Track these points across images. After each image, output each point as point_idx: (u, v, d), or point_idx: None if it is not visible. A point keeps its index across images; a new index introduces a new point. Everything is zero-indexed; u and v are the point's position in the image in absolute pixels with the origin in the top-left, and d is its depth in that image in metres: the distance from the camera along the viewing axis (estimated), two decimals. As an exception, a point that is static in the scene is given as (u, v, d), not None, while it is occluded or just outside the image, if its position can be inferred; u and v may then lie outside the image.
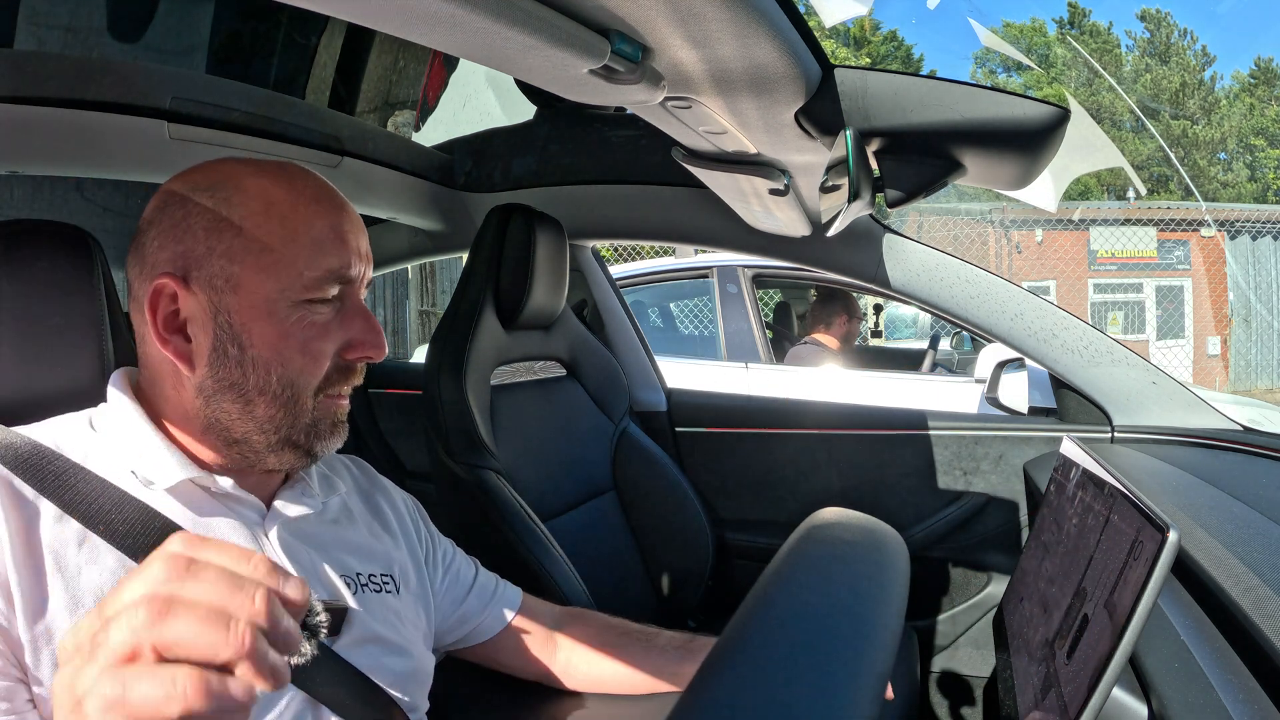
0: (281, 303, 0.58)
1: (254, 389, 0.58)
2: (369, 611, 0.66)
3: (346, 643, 0.63)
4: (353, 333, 0.61)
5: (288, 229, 0.58)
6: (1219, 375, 9.54)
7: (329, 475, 0.72)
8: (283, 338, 0.58)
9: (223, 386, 0.58)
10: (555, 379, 1.44)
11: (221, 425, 0.59)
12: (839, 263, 1.39)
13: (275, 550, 0.61)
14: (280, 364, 0.58)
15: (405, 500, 0.81)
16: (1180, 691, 0.50)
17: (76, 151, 1.00)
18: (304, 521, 0.65)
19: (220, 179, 0.59)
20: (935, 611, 1.47)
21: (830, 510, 0.55)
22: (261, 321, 0.58)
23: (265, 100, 1.17)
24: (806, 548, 0.48)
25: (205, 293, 0.57)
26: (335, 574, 0.65)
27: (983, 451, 1.42)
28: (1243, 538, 0.67)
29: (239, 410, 0.59)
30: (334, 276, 0.59)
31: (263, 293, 0.57)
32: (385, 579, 0.70)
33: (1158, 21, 16.31)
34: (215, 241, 0.57)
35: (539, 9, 0.48)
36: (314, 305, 0.59)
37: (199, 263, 0.57)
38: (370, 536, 0.72)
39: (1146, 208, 9.86)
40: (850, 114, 0.72)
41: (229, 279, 0.57)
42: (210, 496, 0.60)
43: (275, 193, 0.58)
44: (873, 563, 0.47)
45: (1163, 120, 15.28)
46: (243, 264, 0.57)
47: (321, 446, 0.62)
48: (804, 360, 2.93)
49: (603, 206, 1.52)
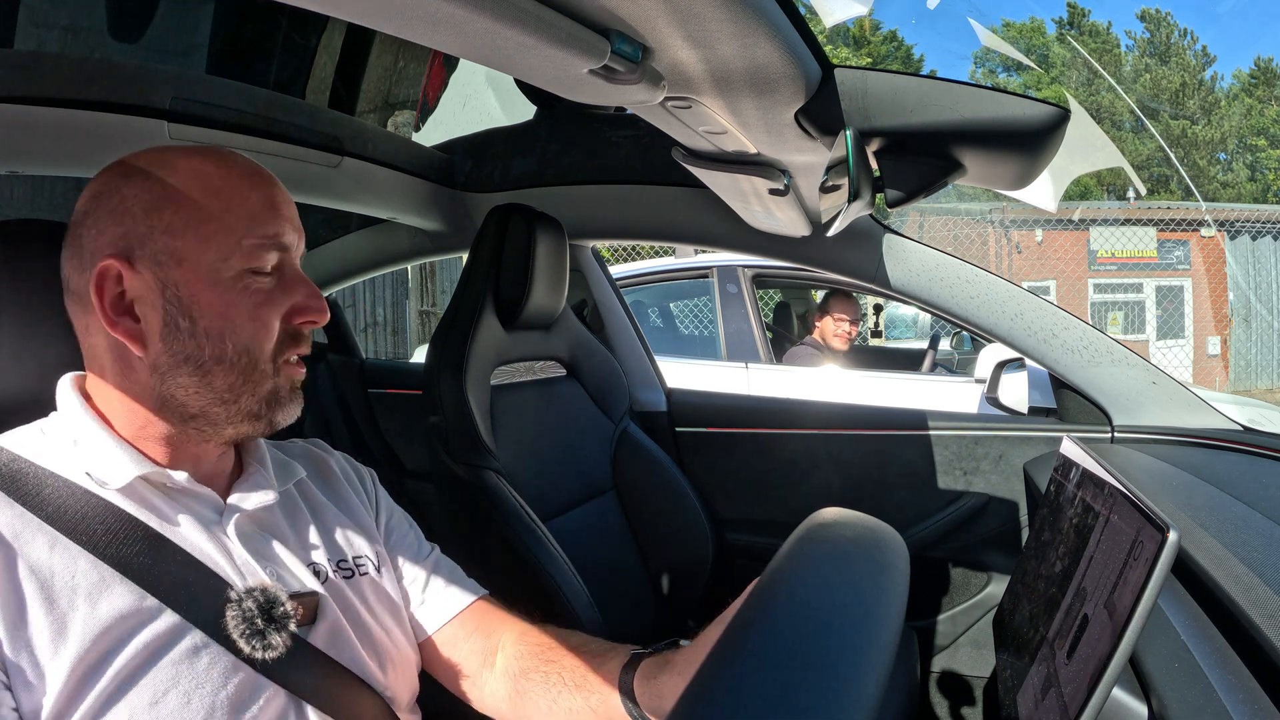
0: (225, 271, 0.59)
1: (211, 359, 0.59)
2: (341, 599, 0.65)
3: (321, 633, 0.62)
4: (295, 298, 0.62)
5: (223, 200, 0.59)
6: (1219, 375, 9.54)
7: (287, 461, 0.71)
8: (230, 306, 0.59)
9: (178, 360, 0.59)
10: (555, 379, 1.44)
11: (178, 401, 0.59)
12: (839, 263, 1.39)
13: (236, 545, 0.61)
14: (233, 331, 0.59)
15: (360, 470, 0.80)
16: (1180, 691, 0.50)
17: (76, 151, 1.00)
18: (263, 512, 0.65)
19: (151, 162, 0.60)
20: (935, 611, 1.47)
21: (830, 510, 0.55)
22: (208, 291, 0.58)
23: (265, 100, 1.17)
24: (806, 548, 0.48)
25: (150, 270, 0.58)
26: (302, 562, 0.64)
27: (983, 451, 1.42)
28: (1243, 538, 0.67)
29: (196, 383, 0.59)
30: (271, 244, 0.61)
31: (205, 262, 0.58)
32: (359, 561, 0.69)
33: (1158, 21, 16.31)
34: (155, 219, 0.58)
35: (539, 9, 0.48)
36: (255, 275, 0.60)
37: (141, 241, 0.58)
38: (335, 520, 0.71)
39: (1146, 208, 9.85)
40: (850, 114, 0.72)
41: (172, 253, 0.58)
42: (165, 494, 0.60)
43: (207, 168, 0.60)
44: (873, 562, 0.47)
45: (1162, 120, 15.28)
46: (184, 237, 0.58)
47: (282, 414, 0.63)
48: (801, 361, 2.93)
49: (603, 206, 1.52)
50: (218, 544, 0.60)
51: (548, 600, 1.08)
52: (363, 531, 0.73)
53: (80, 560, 0.53)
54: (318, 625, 0.62)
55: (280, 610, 0.58)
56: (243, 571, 0.60)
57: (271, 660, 0.57)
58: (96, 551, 0.54)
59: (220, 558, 0.59)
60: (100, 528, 0.55)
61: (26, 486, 0.55)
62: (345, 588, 0.66)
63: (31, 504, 0.54)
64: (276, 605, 0.58)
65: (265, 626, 0.57)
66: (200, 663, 0.55)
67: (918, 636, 1.41)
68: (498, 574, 1.01)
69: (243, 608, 0.56)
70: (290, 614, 0.58)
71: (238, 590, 0.57)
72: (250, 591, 0.57)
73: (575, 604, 1.09)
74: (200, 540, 0.59)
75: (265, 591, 0.58)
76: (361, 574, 0.69)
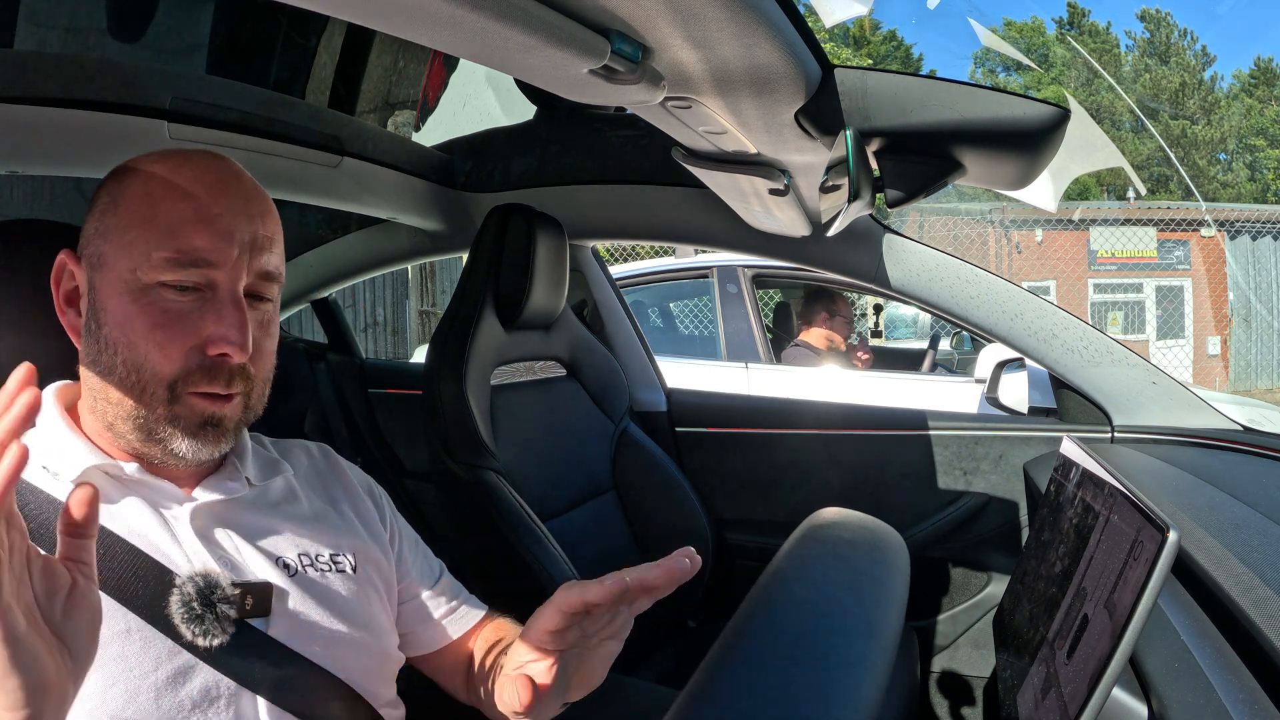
0: (133, 282, 0.57)
1: (105, 369, 0.58)
2: (312, 592, 0.64)
3: (281, 625, 0.61)
4: (211, 326, 0.58)
5: (150, 209, 0.58)
6: (1219, 375, 9.54)
7: (276, 460, 0.71)
8: (129, 319, 0.57)
9: (86, 362, 0.60)
10: (555, 379, 1.44)
11: (99, 406, 0.60)
12: (839, 263, 1.39)
13: (186, 531, 0.60)
14: (126, 346, 0.57)
15: (370, 486, 0.80)
16: (1180, 691, 0.50)
17: (76, 151, 1.00)
18: (228, 505, 0.64)
19: (135, 163, 0.60)
20: (935, 611, 1.47)
21: (830, 510, 0.55)
22: (114, 299, 0.58)
23: (265, 100, 1.17)
24: (806, 548, 0.48)
25: (85, 269, 0.60)
26: (263, 555, 0.63)
27: (983, 451, 1.42)
28: (1243, 538, 0.67)
29: (99, 389, 0.59)
30: (188, 260, 0.57)
31: (117, 270, 0.57)
32: (337, 559, 0.68)
33: (1157, 21, 16.31)
34: (101, 221, 0.59)
35: (539, 9, 0.48)
36: (165, 290, 0.57)
37: (88, 240, 0.60)
38: (319, 517, 0.70)
39: (1146, 208, 9.85)
40: (850, 114, 0.72)
41: (100, 256, 0.59)
42: (120, 484, 0.60)
43: (158, 175, 0.59)
44: (873, 562, 0.47)
45: (1162, 120, 15.28)
46: (109, 241, 0.58)
47: (184, 446, 0.59)
48: (795, 363, 2.93)
49: (603, 206, 1.52)
50: (167, 533, 0.59)
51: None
52: (353, 533, 0.72)
53: None
54: (275, 616, 0.61)
55: (219, 594, 0.57)
56: (190, 559, 0.59)
57: (214, 647, 0.56)
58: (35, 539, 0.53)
59: (169, 546, 0.59)
60: (32, 514, 0.55)
61: None
62: (318, 582, 0.65)
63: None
64: (216, 590, 0.57)
65: (204, 611, 0.56)
66: (132, 645, 0.54)
67: (918, 636, 1.41)
68: (498, 574, 1.01)
69: (183, 592, 0.56)
70: (231, 600, 0.58)
71: (181, 576, 0.57)
72: (192, 577, 0.57)
73: (575, 604, 1.09)
74: (147, 528, 0.59)
75: (206, 577, 0.57)
76: (338, 570, 0.68)
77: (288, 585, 0.63)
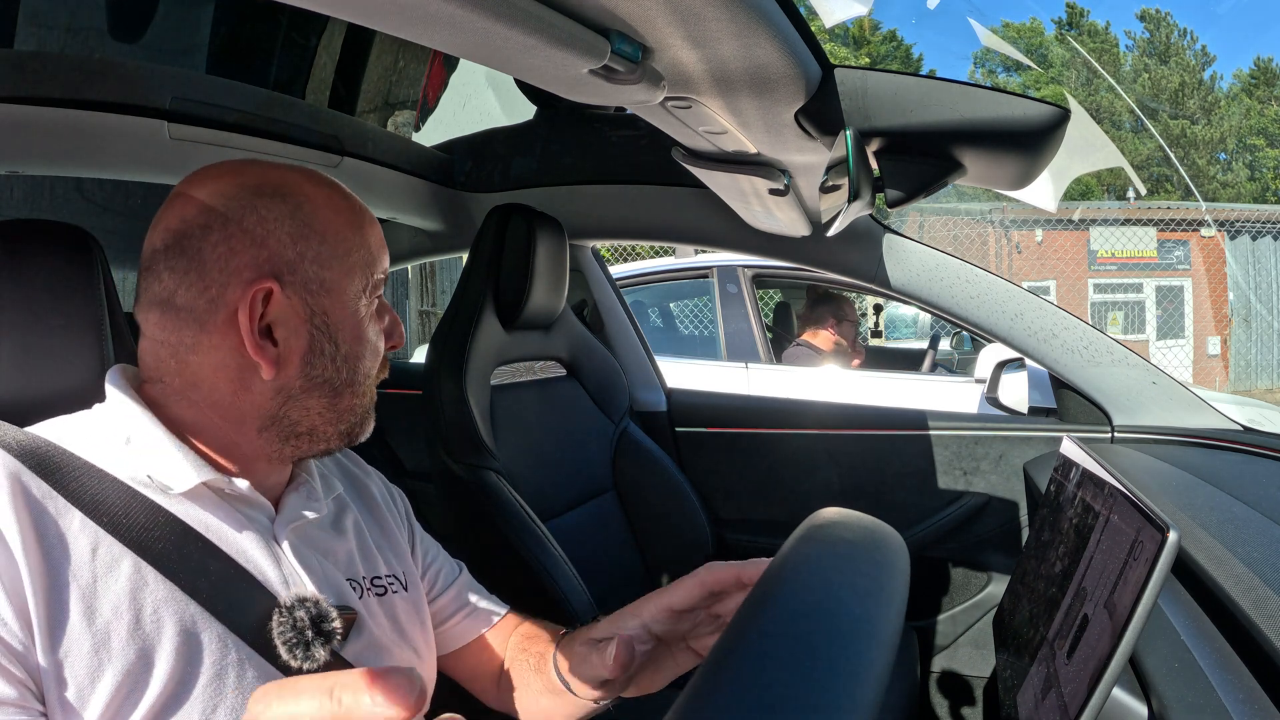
0: (361, 301, 0.63)
1: (344, 383, 0.62)
2: (375, 616, 0.65)
3: (354, 649, 0.62)
4: (385, 324, 0.67)
5: (359, 236, 0.63)
6: (1219, 375, 9.54)
7: (325, 474, 0.71)
8: (361, 334, 0.63)
9: (314, 384, 0.61)
10: (555, 379, 1.44)
11: (291, 420, 0.61)
12: (839, 263, 1.39)
13: (291, 560, 0.60)
14: (360, 357, 0.63)
15: (393, 491, 0.80)
16: (1180, 691, 0.50)
17: (76, 151, 1.00)
18: (311, 526, 0.65)
19: (281, 186, 0.60)
20: (935, 611, 1.47)
21: (830, 510, 0.55)
22: (349, 320, 0.62)
23: (265, 100, 1.17)
24: (806, 548, 0.48)
25: (300, 296, 0.59)
26: (343, 577, 0.64)
27: (983, 451, 1.42)
28: (1243, 538, 0.67)
29: (325, 404, 0.62)
30: (384, 274, 0.66)
31: (350, 294, 0.62)
32: (390, 579, 0.70)
33: (1157, 21, 16.31)
34: (304, 247, 0.59)
35: (539, 9, 0.48)
36: (374, 300, 0.65)
37: (291, 268, 0.59)
38: (370, 536, 0.71)
39: (1146, 208, 9.85)
40: (850, 114, 0.72)
41: (322, 283, 0.60)
42: (221, 500, 0.59)
43: (337, 202, 0.63)
44: (873, 563, 0.46)
45: (1162, 120, 15.28)
46: (331, 269, 0.61)
47: (365, 431, 0.67)
48: (796, 363, 2.92)
49: (603, 206, 1.52)
50: (269, 554, 0.59)
51: (547, 600, 1.08)
52: (394, 549, 0.73)
53: (124, 562, 0.52)
54: (352, 641, 0.62)
55: (330, 626, 0.57)
56: (289, 583, 0.59)
57: (308, 672, 0.56)
58: (140, 552, 0.53)
59: (269, 568, 0.59)
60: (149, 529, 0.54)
61: (65, 478, 0.53)
62: (377, 605, 0.66)
63: (70, 495, 0.52)
64: (327, 620, 0.57)
65: (313, 639, 0.56)
66: (246, 676, 0.54)
67: (918, 636, 1.41)
68: (498, 574, 1.01)
69: (294, 617, 0.56)
70: (338, 630, 0.58)
71: (288, 600, 0.57)
72: (303, 601, 0.57)
73: (575, 604, 1.09)
74: (251, 549, 0.59)
75: (318, 604, 0.57)
76: (393, 592, 0.69)
77: (359, 607, 0.64)
